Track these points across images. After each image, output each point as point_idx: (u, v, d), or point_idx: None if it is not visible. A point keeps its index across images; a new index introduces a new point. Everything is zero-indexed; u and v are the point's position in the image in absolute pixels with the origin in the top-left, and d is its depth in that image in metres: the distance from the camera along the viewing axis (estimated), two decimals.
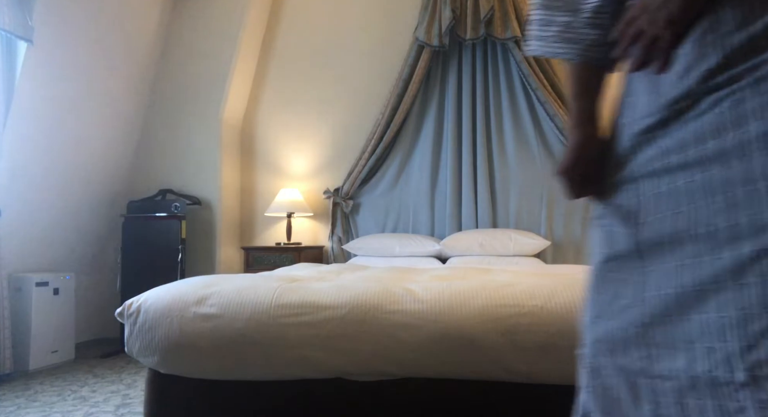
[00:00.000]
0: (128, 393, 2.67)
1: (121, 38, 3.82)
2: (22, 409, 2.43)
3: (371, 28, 4.22)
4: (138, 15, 3.93)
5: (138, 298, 1.86)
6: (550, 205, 3.75)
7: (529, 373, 1.56)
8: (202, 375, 1.75)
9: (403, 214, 4.00)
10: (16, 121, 3.17)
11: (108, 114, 3.90)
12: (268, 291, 1.78)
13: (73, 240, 3.82)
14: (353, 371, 1.67)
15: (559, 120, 3.65)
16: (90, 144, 3.80)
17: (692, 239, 0.71)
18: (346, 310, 1.68)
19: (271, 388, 1.73)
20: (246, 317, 1.70)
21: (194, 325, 1.72)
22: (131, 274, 3.78)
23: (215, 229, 4.09)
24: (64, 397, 2.62)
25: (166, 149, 4.22)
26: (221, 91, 4.12)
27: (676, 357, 0.73)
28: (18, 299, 3.19)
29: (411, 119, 4.02)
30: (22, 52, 3.12)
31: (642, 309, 0.77)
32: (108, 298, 4.05)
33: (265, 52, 4.42)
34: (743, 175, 0.65)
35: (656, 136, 0.75)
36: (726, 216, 0.67)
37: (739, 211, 0.66)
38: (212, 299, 1.77)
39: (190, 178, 4.15)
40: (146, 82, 4.21)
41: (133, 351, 1.81)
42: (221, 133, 4.14)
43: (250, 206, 4.39)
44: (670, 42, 0.66)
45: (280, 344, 1.67)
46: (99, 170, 3.94)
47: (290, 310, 1.71)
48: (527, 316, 1.56)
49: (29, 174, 3.36)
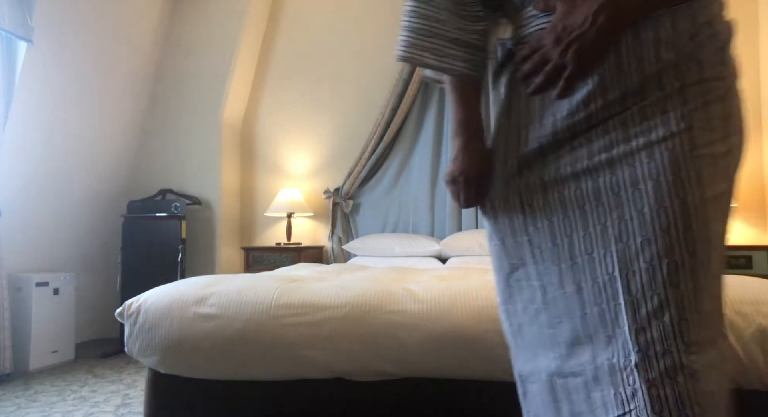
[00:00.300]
0: (128, 393, 2.67)
1: (121, 38, 3.82)
2: (22, 409, 2.43)
3: (371, 29, 4.22)
4: (138, 15, 3.93)
5: (138, 298, 1.86)
6: None
7: None
8: (202, 375, 1.75)
9: (403, 214, 4.00)
10: (16, 121, 3.17)
11: (108, 114, 3.90)
12: (268, 291, 1.78)
13: (73, 240, 3.82)
14: (353, 371, 1.67)
15: None
16: (90, 144, 3.80)
17: (584, 238, 0.79)
18: (346, 310, 1.68)
19: (271, 388, 1.73)
20: (246, 317, 1.70)
21: (194, 325, 1.72)
22: (131, 274, 3.78)
23: (215, 229, 4.09)
24: (64, 397, 2.62)
25: (166, 149, 4.22)
26: (221, 91, 4.12)
27: (583, 351, 0.78)
28: (18, 299, 3.19)
29: (411, 119, 4.02)
30: (22, 52, 3.12)
31: (549, 311, 0.83)
32: (108, 298, 4.05)
33: (264, 53, 4.41)
34: (629, 180, 0.76)
35: (549, 153, 0.84)
36: (617, 213, 0.76)
37: (626, 209, 0.75)
38: (212, 299, 1.77)
39: (190, 178, 4.15)
40: (146, 83, 4.21)
41: (133, 351, 1.81)
42: (221, 133, 4.14)
43: (250, 206, 4.39)
44: (574, 73, 0.71)
45: (280, 344, 1.67)
46: (99, 170, 3.94)
47: (290, 310, 1.71)
48: None
49: (29, 174, 3.36)
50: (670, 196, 0.73)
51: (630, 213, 0.75)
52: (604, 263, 0.77)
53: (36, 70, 3.23)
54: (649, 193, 0.74)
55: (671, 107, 0.75)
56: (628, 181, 0.76)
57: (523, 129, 0.87)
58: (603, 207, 0.78)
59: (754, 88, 3.64)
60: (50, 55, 3.29)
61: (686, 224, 0.72)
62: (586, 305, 0.78)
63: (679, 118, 0.74)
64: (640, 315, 0.72)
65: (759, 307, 1.47)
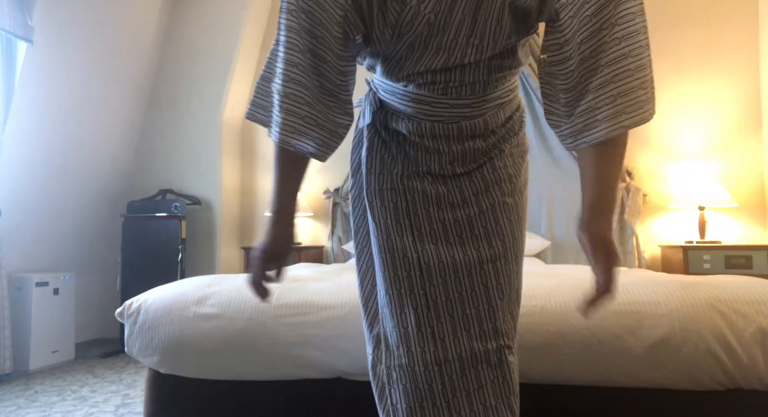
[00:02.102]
0: (128, 393, 2.67)
1: (121, 38, 3.82)
2: (22, 409, 2.43)
3: None
4: (138, 15, 3.93)
5: (138, 298, 1.87)
6: (550, 205, 3.75)
7: (528, 373, 1.56)
8: (202, 375, 1.75)
9: None
10: (16, 121, 3.17)
11: (108, 114, 3.90)
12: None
13: (73, 240, 3.82)
14: (353, 371, 1.67)
15: None
16: (90, 144, 3.80)
17: (451, 244, 0.97)
18: (346, 310, 1.68)
19: (271, 388, 1.73)
20: (246, 317, 1.70)
21: (194, 325, 1.72)
22: (131, 274, 3.78)
23: (215, 229, 4.09)
24: (64, 397, 2.62)
25: (166, 149, 4.23)
26: (221, 91, 4.12)
27: (448, 342, 0.92)
28: (18, 299, 3.19)
29: None
30: (22, 52, 3.12)
31: (427, 311, 0.94)
32: (108, 298, 4.05)
33: (264, 52, 4.41)
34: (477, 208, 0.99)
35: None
36: (479, 223, 0.98)
37: (478, 223, 0.98)
38: (212, 299, 1.77)
39: (190, 178, 4.15)
40: (146, 82, 4.21)
41: (133, 351, 1.81)
42: (221, 133, 4.14)
43: (250, 206, 4.39)
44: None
45: (280, 344, 1.67)
46: (99, 170, 3.94)
47: (290, 310, 1.71)
48: (527, 316, 1.56)
49: (29, 174, 3.36)
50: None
51: (487, 225, 1.02)
52: (460, 260, 1.02)
53: (36, 70, 3.23)
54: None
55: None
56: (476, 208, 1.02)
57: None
58: (464, 219, 1.03)
59: (754, 88, 3.64)
60: (50, 55, 3.30)
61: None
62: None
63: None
64: (493, 307, 0.99)
65: (759, 307, 1.48)
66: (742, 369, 1.43)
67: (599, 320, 1.51)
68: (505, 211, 0.99)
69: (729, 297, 1.50)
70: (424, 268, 0.95)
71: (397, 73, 0.98)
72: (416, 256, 0.95)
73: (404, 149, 1.03)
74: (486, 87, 0.97)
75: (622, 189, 3.62)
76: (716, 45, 3.70)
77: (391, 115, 1.04)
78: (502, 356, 0.93)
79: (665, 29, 3.77)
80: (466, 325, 0.93)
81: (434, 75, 0.95)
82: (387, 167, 1.02)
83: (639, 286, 1.60)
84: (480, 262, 0.96)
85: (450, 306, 0.93)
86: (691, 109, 3.73)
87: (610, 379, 1.51)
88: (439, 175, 1.01)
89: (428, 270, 0.94)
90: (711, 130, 3.69)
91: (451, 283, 0.94)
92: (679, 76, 3.75)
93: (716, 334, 1.44)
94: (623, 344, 1.48)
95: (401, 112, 1.02)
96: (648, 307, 1.51)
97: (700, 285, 1.58)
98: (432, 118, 0.99)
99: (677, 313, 1.48)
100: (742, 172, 3.62)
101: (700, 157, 3.68)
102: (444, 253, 0.96)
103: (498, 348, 0.93)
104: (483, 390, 0.91)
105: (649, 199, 3.72)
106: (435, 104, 0.98)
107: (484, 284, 0.95)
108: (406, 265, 0.95)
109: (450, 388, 0.91)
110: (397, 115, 1.03)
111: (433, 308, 0.93)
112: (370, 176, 1.02)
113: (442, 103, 0.97)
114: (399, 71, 0.97)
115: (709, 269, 3.21)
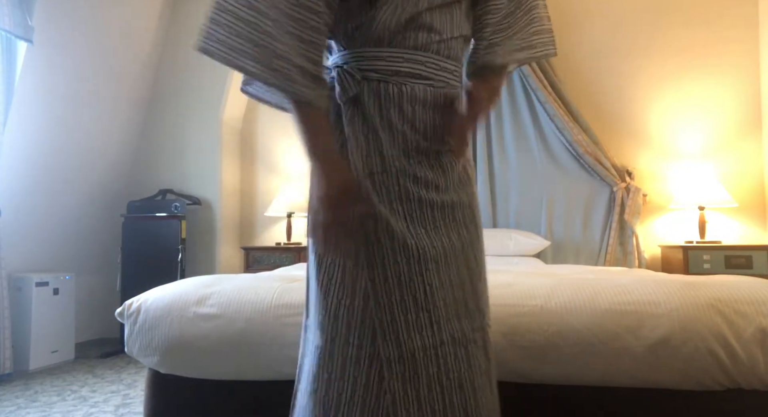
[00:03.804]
0: (128, 393, 2.67)
1: (121, 38, 3.82)
2: (22, 409, 2.43)
3: None
4: (138, 15, 3.93)
5: (138, 298, 1.86)
6: (550, 205, 3.75)
7: (528, 373, 1.56)
8: (202, 375, 1.74)
9: None
10: (16, 121, 3.17)
11: (108, 114, 3.90)
12: (268, 291, 1.78)
13: (73, 240, 3.82)
14: None
15: (559, 120, 3.66)
16: (90, 144, 3.80)
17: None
18: None
19: (272, 388, 1.73)
20: (246, 317, 1.70)
21: (194, 325, 1.72)
22: (131, 274, 3.78)
23: (215, 229, 4.09)
24: (64, 397, 2.62)
25: (166, 149, 4.23)
26: (221, 91, 4.12)
27: (442, 327, 0.95)
28: (18, 299, 3.20)
29: None
30: (22, 52, 3.12)
31: (424, 296, 0.97)
32: (108, 298, 4.05)
33: None
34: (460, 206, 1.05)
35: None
36: (459, 209, 1.03)
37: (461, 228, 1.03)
38: (212, 299, 1.77)
39: (190, 178, 4.15)
40: (146, 82, 4.21)
41: (133, 351, 1.81)
42: (221, 133, 4.14)
43: (250, 206, 4.39)
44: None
45: (280, 344, 1.67)
46: (99, 170, 3.94)
47: (290, 310, 1.70)
48: (527, 316, 1.56)
49: (29, 174, 3.36)
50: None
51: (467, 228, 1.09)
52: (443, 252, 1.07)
53: (36, 70, 3.23)
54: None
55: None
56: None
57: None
58: (448, 220, 1.07)
59: (754, 89, 3.64)
60: (50, 55, 3.29)
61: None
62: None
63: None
64: (476, 295, 1.07)
65: (759, 307, 1.47)
66: (742, 369, 1.42)
67: (599, 320, 1.51)
68: (474, 197, 1.10)
69: (729, 297, 1.50)
70: (420, 254, 0.96)
71: (399, 16, 0.98)
72: (413, 243, 0.96)
73: (390, 123, 1.00)
74: (461, 51, 1.09)
75: (622, 189, 3.62)
76: (716, 45, 3.70)
77: (377, 86, 1.00)
78: (485, 335, 1.03)
79: (666, 30, 3.77)
80: (455, 308, 0.98)
81: (430, 31, 1.01)
82: (374, 147, 0.99)
83: (639, 286, 1.60)
84: (462, 246, 1.02)
85: (443, 291, 0.97)
86: (691, 110, 3.73)
87: (610, 379, 1.50)
88: (425, 155, 1.02)
89: (424, 256, 0.96)
90: (711, 130, 3.69)
91: (442, 267, 0.98)
92: (679, 76, 3.75)
93: (716, 334, 1.44)
94: (623, 344, 1.47)
95: (392, 78, 1.00)
96: (648, 307, 1.51)
97: (700, 285, 1.58)
98: (425, 82, 1.02)
99: (677, 313, 1.48)
100: (742, 172, 3.62)
101: (700, 157, 3.68)
102: (434, 237, 0.99)
103: (482, 327, 1.02)
104: (471, 370, 0.97)
105: (649, 199, 3.72)
106: (428, 64, 1.02)
107: (467, 267, 1.02)
108: (405, 252, 0.95)
109: (444, 371, 0.94)
110: (385, 83, 1.00)
111: (429, 294, 0.96)
112: (358, 158, 0.99)
113: (433, 63, 1.03)
114: (402, 13, 0.98)
115: (709, 269, 3.21)
